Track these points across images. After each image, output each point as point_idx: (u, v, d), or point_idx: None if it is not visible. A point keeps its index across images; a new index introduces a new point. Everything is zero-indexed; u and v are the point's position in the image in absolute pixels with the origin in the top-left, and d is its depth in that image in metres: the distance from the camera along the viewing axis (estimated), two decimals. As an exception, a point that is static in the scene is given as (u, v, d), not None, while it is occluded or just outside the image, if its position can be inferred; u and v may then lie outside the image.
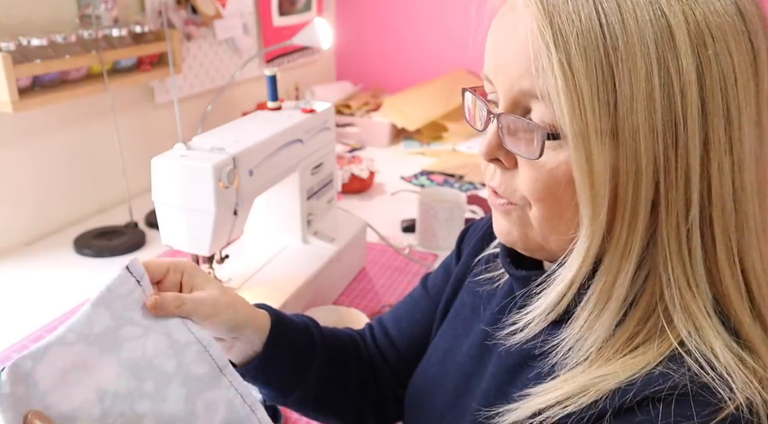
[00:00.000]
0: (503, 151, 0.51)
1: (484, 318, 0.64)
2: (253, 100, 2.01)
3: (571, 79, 0.43)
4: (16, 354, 0.96)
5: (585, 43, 0.43)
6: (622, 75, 0.43)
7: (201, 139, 0.90)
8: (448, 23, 2.37)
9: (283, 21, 2.12)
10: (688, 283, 0.47)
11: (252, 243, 1.15)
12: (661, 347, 0.47)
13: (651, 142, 0.44)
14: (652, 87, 0.43)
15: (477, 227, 0.76)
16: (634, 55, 0.43)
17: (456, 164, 1.87)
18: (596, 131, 0.44)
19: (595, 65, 0.43)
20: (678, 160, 0.45)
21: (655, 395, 0.44)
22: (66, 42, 1.25)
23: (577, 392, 0.47)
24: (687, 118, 0.44)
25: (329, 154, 1.18)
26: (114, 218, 1.48)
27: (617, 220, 0.46)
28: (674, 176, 0.45)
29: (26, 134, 1.33)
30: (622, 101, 0.44)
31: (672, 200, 0.45)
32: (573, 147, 0.45)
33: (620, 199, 0.46)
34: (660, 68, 0.43)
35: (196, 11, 1.70)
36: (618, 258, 0.47)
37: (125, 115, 1.55)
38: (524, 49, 0.46)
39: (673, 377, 0.45)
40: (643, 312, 0.48)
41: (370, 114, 2.18)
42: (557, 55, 0.44)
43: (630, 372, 0.46)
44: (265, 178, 0.96)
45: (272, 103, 1.09)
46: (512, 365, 0.56)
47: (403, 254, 1.32)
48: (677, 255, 0.47)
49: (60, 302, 1.13)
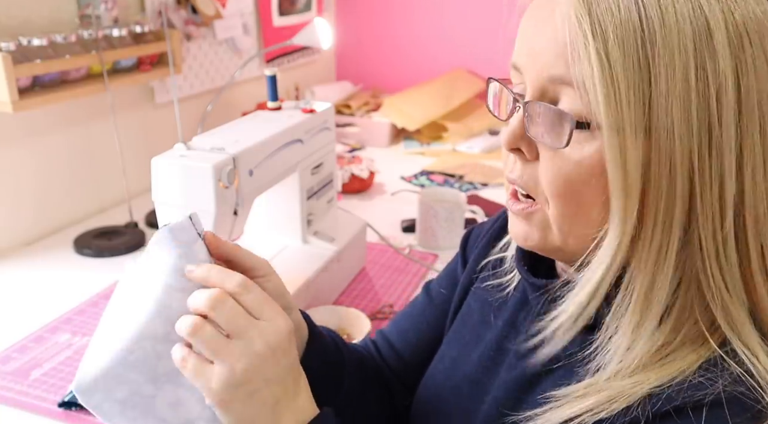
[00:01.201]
0: (526, 140, 0.50)
1: (495, 327, 0.63)
2: (253, 100, 2.01)
3: (608, 69, 0.43)
4: (16, 354, 0.97)
5: (623, 35, 0.43)
6: (659, 70, 0.43)
7: (201, 139, 0.90)
8: (448, 23, 2.37)
9: (283, 21, 2.12)
10: (727, 288, 0.46)
11: (252, 243, 1.15)
12: (698, 351, 0.46)
13: (686, 141, 0.43)
14: (688, 86, 0.43)
15: (480, 231, 0.74)
16: (672, 52, 0.43)
17: (456, 164, 1.87)
18: (631, 124, 0.43)
19: (632, 58, 0.43)
20: (712, 162, 0.44)
21: (695, 402, 0.43)
22: (66, 42, 1.25)
23: (609, 399, 0.46)
24: (722, 120, 0.43)
25: (329, 154, 1.18)
26: (114, 218, 1.48)
27: (649, 219, 0.45)
28: (708, 177, 0.44)
29: (26, 134, 1.33)
30: (657, 97, 0.43)
31: (707, 202, 0.45)
32: (607, 138, 0.44)
33: (652, 197, 0.45)
34: (697, 67, 0.43)
35: (196, 11, 1.70)
36: (653, 260, 0.46)
37: (125, 115, 1.55)
38: (559, 36, 0.45)
39: (714, 382, 0.44)
40: (678, 317, 0.47)
41: (370, 114, 2.18)
42: (594, 44, 0.43)
43: (665, 378, 0.45)
44: (265, 178, 0.96)
45: (272, 103, 1.09)
46: (532, 373, 0.55)
47: (403, 254, 1.32)
48: (715, 259, 0.46)
49: (60, 302, 1.13)
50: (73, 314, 1.10)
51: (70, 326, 1.06)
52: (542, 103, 0.48)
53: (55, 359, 0.97)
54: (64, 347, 1.01)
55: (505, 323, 0.62)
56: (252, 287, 0.52)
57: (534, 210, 0.51)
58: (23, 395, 0.89)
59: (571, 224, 0.49)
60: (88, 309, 1.11)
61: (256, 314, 0.51)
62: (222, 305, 0.49)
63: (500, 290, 0.65)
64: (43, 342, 1.02)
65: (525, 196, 0.53)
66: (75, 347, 1.01)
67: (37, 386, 0.91)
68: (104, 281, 1.20)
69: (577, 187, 0.47)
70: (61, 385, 0.91)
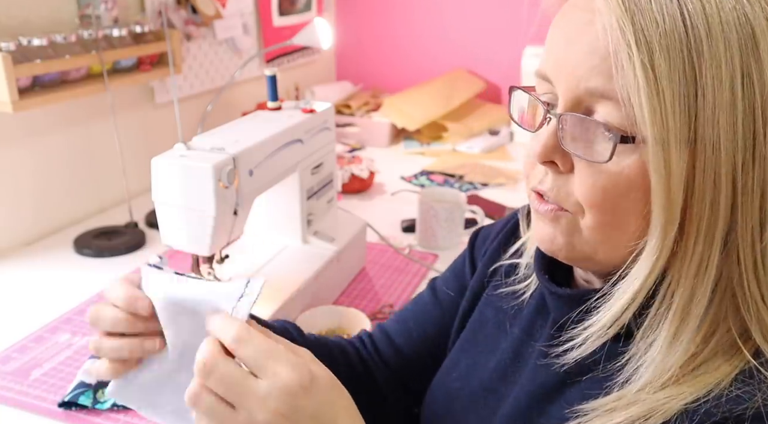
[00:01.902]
0: (560, 152, 0.48)
1: (512, 335, 0.62)
2: (253, 100, 2.01)
3: (654, 81, 0.42)
4: (16, 354, 0.97)
5: (668, 45, 0.42)
6: (706, 81, 0.42)
7: (201, 139, 0.90)
8: (448, 23, 2.37)
9: (283, 21, 2.12)
10: (763, 299, 0.45)
11: (252, 243, 1.15)
12: (732, 362, 0.45)
13: (731, 152, 0.43)
14: (734, 96, 0.42)
15: (488, 233, 0.73)
16: (719, 62, 0.42)
17: (456, 164, 1.87)
18: (676, 137, 0.42)
19: (678, 69, 0.42)
20: (755, 173, 0.43)
21: (736, 417, 0.43)
22: (66, 42, 1.25)
23: (643, 415, 0.45)
24: (766, 129, 0.43)
25: (329, 154, 1.18)
26: (114, 218, 1.48)
27: (691, 231, 0.44)
28: (750, 188, 0.44)
29: (26, 134, 1.33)
30: (703, 109, 0.42)
31: (747, 214, 0.44)
32: (652, 152, 0.43)
33: (696, 210, 0.44)
34: (743, 77, 0.42)
35: (196, 11, 1.70)
36: (693, 273, 0.45)
37: (125, 115, 1.55)
38: (598, 47, 0.44)
39: (753, 395, 0.43)
40: (710, 327, 0.46)
41: (370, 114, 2.18)
42: (639, 55, 0.42)
43: (700, 391, 0.44)
44: (265, 178, 0.96)
45: (272, 103, 1.09)
46: (555, 382, 0.54)
47: (403, 254, 1.32)
48: (753, 271, 0.45)
49: (60, 302, 1.13)
50: (73, 314, 1.09)
51: (70, 326, 1.06)
52: (580, 116, 0.46)
53: (55, 359, 0.97)
54: (64, 347, 1.01)
55: (522, 331, 0.61)
56: (250, 337, 0.47)
57: (561, 214, 0.50)
58: (23, 395, 0.89)
59: (606, 235, 0.48)
60: (88, 309, 1.11)
61: (257, 371, 0.46)
62: (211, 374, 0.45)
63: (515, 297, 0.64)
64: (43, 342, 1.02)
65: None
66: (75, 347, 1.01)
67: (37, 386, 0.91)
68: (104, 281, 1.20)
69: (616, 199, 0.46)
70: (61, 385, 0.91)
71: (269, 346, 0.46)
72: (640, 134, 0.43)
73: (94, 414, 0.86)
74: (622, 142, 0.44)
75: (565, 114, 0.47)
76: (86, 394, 0.87)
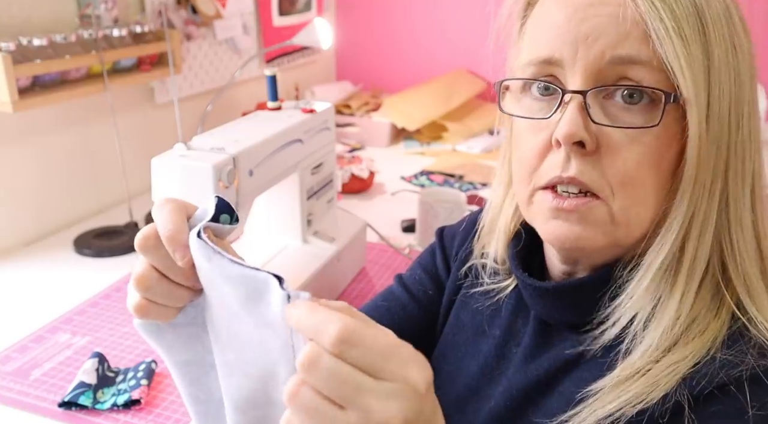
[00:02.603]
0: (588, 131, 0.47)
1: (492, 336, 0.62)
2: (253, 100, 2.01)
3: (685, 44, 0.45)
4: (16, 354, 0.97)
5: (685, 11, 0.46)
6: (713, 47, 0.46)
7: (201, 139, 0.90)
8: (448, 23, 2.37)
9: (283, 21, 2.12)
10: (747, 249, 0.49)
11: (252, 243, 1.15)
12: (718, 318, 0.48)
13: (727, 114, 0.47)
14: (728, 62, 0.47)
15: (453, 234, 0.72)
16: (719, 27, 0.46)
17: (456, 164, 1.87)
18: (701, 96, 0.46)
19: (695, 32, 0.46)
20: (742, 133, 0.48)
21: (736, 379, 0.44)
22: (66, 42, 1.25)
23: (649, 386, 0.46)
24: (746, 93, 0.48)
25: (329, 154, 1.18)
26: (114, 218, 1.48)
27: (700, 188, 0.47)
28: (737, 145, 0.48)
29: (26, 134, 1.33)
30: (713, 70, 0.46)
31: (733, 167, 0.48)
32: (695, 111, 0.46)
33: (703, 166, 0.47)
34: (731, 44, 0.47)
35: (196, 11, 1.70)
36: (698, 230, 0.48)
37: (125, 115, 1.55)
38: (624, 14, 0.46)
39: (744, 356, 0.45)
40: (699, 281, 0.49)
41: (370, 114, 2.18)
42: (668, 19, 0.45)
43: (696, 357, 0.46)
44: (265, 178, 0.96)
45: (272, 103, 1.09)
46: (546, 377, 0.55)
47: (403, 253, 1.32)
48: (737, 223, 0.48)
49: (60, 302, 1.13)
50: (73, 314, 1.10)
51: (70, 326, 1.06)
52: (618, 87, 0.47)
53: (55, 359, 0.98)
54: (64, 347, 1.01)
55: (503, 331, 0.61)
56: (357, 338, 0.35)
57: (594, 205, 0.48)
58: (23, 395, 0.89)
59: (635, 212, 0.49)
60: (88, 309, 1.11)
61: (374, 371, 0.35)
62: (315, 368, 0.35)
63: (489, 297, 0.64)
64: (43, 342, 1.02)
65: (575, 194, 0.49)
66: (75, 347, 1.01)
67: (37, 386, 0.91)
68: (104, 281, 1.20)
69: (649, 171, 0.48)
70: (61, 385, 0.91)
71: (386, 342, 0.37)
72: (681, 95, 0.46)
73: (94, 414, 0.86)
74: (673, 102, 0.46)
75: (596, 88, 0.47)
76: (86, 394, 0.87)
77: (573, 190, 0.49)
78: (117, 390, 0.89)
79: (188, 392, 0.51)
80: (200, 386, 0.51)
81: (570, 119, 0.47)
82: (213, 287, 0.44)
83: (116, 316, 1.09)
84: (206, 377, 0.51)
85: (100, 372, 0.91)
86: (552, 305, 0.55)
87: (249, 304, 0.42)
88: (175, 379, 0.51)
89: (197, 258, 0.44)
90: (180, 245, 0.43)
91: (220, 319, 0.46)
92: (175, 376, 0.51)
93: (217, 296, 0.45)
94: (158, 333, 0.49)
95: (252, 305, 0.42)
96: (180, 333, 0.49)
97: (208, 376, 0.51)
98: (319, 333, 0.36)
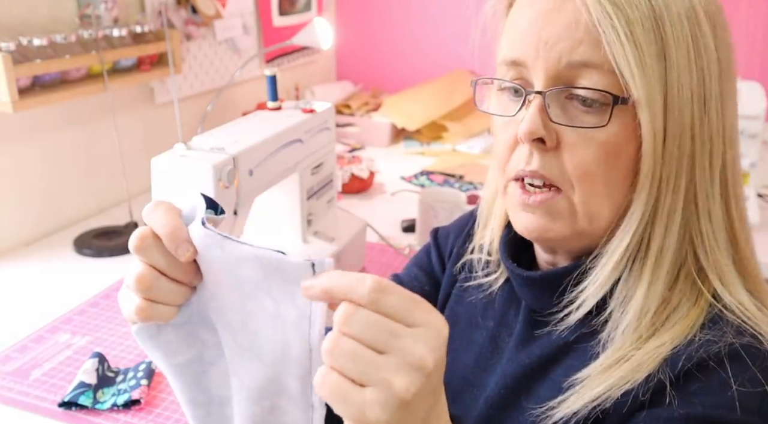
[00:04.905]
0: (548, 129, 0.51)
1: (486, 327, 0.64)
2: (253, 100, 2.01)
3: (635, 47, 0.47)
4: (16, 354, 0.97)
5: (641, 15, 0.47)
6: (669, 47, 0.48)
7: (201, 139, 0.90)
8: (448, 23, 2.37)
9: (283, 21, 2.12)
10: (717, 240, 0.51)
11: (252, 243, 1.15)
12: (698, 306, 0.50)
13: (690, 112, 0.49)
14: (689, 61, 0.48)
15: (447, 233, 0.75)
16: (678, 29, 0.48)
17: (456, 164, 1.87)
18: (655, 96, 0.48)
19: (650, 35, 0.47)
20: (706, 129, 0.50)
21: (714, 355, 0.47)
22: (66, 42, 1.25)
23: (632, 370, 0.48)
24: (712, 90, 0.49)
25: (329, 154, 1.18)
26: (114, 218, 1.48)
27: (663, 182, 0.50)
28: (701, 139, 0.49)
29: (26, 134, 1.33)
30: (670, 70, 0.48)
31: (699, 162, 0.50)
32: (647, 110, 0.48)
33: (667, 161, 0.49)
34: (693, 43, 0.48)
35: (196, 11, 1.70)
36: (664, 222, 0.50)
37: (125, 115, 1.55)
38: (580, 21, 0.48)
39: (723, 335, 0.47)
40: (673, 272, 0.51)
41: (370, 114, 2.18)
42: (620, 25, 0.47)
43: (676, 340, 0.49)
44: (265, 178, 0.96)
45: (272, 103, 1.09)
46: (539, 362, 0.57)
47: (403, 253, 1.32)
48: (707, 217, 0.50)
49: (60, 302, 1.13)
50: (73, 314, 1.10)
51: (70, 326, 1.06)
52: (571, 88, 0.50)
53: (55, 359, 0.98)
54: (64, 347, 1.01)
55: (496, 322, 0.63)
56: (390, 288, 0.39)
57: (557, 199, 0.52)
58: (23, 395, 0.89)
59: (597, 205, 0.51)
60: (88, 309, 1.11)
61: (404, 318, 0.39)
62: (354, 320, 0.38)
63: (482, 290, 0.66)
64: (43, 342, 1.02)
65: (539, 187, 0.53)
66: (75, 347, 1.01)
67: (37, 386, 0.91)
68: (104, 281, 1.20)
69: (606, 166, 0.50)
70: (61, 385, 0.91)
71: (411, 295, 0.40)
72: (631, 97, 0.48)
73: (94, 414, 0.86)
74: (620, 104, 0.48)
75: (552, 89, 0.50)
76: (86, 394, 0.87)
77: (537, 182, 0.53)
78: (117, 390, 0.90)
79: (187, 397, 0.51)
80: (199, 388, 0.51)
81: (530, 118, 0.51)
82: (225, 273, 0.45)
83: (116, 316, 1.09)
84: (205, 377, 0.51)
85: (100, 372, 0.91)
86: (539, 294, 0.58)
87: (267, 281, 0.43)
88: (173, 385, 0.51)
89: (206, 248, 0.44)
90: (182, 241, 0.45)
91: (233, 306, 0.46)
92: (173, 381, 0.51)
93: (229, 283, 0.45)
94: (159, 335, 0.49)
95: (270, 281, 0.43)
96: (180, 332, 0.49)
97: (207, 375, 0.51)
98: (352, 289, 0.39)
